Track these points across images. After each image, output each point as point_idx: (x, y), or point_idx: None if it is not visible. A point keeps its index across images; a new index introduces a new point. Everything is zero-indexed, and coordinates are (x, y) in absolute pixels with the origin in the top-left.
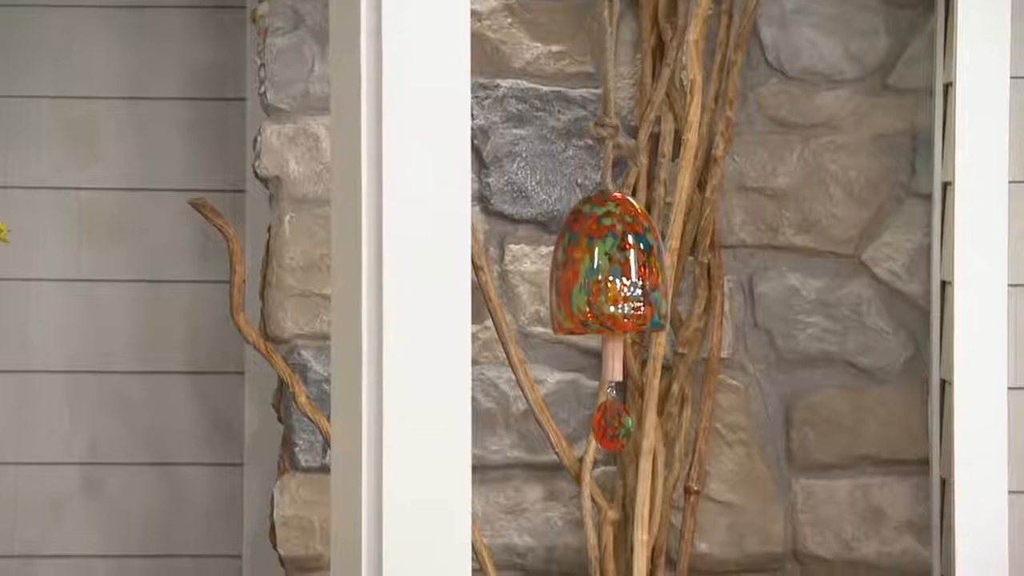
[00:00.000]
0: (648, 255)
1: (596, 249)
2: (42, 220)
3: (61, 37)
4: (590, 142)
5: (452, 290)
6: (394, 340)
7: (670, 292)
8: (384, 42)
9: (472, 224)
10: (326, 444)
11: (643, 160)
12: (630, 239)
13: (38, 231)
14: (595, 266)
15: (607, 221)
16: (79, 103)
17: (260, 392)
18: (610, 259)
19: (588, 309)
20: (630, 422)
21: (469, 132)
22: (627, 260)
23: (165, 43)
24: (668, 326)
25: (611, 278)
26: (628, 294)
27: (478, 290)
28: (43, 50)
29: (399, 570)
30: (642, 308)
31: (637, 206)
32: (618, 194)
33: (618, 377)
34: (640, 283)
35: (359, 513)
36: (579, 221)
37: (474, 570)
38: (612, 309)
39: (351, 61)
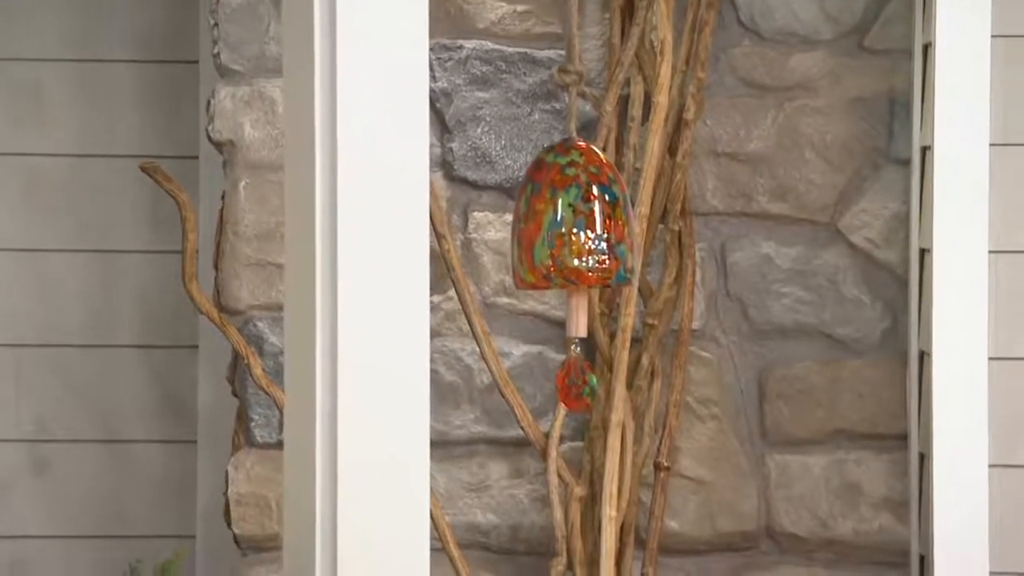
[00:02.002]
0: (614, 206)
1: (560, 200)
2: None
3: None
4: (557, 105)
5: (409, 258)
6: (349, 310)
7: (636, 245)
8: (339, 0)
9: (434, 191)
10: (283, 419)
11: (610, 119)
12: (595, 190)
13: None
14: (559, 218)
15: (571, 171)
16: (23, 65)
17: (214, 366)
18: (574, 210)
19: (551, 262)
20: (595, 380)
21: (427, 94)
22: (592, 211)
23: (114, 3)
24: (638, 296)
25: (575, 230)
26: (593, 247)
27: (440, 259)
28: None
29: (354, 550)
30: (607, 261)
31: (602, 156)
32: (582, 143)
33: (582, 333)
34: (605, 235)
35: (313, 491)
36: (542, 171)
37: (436, 550)
38: (576, 262)
39: (304, 19)
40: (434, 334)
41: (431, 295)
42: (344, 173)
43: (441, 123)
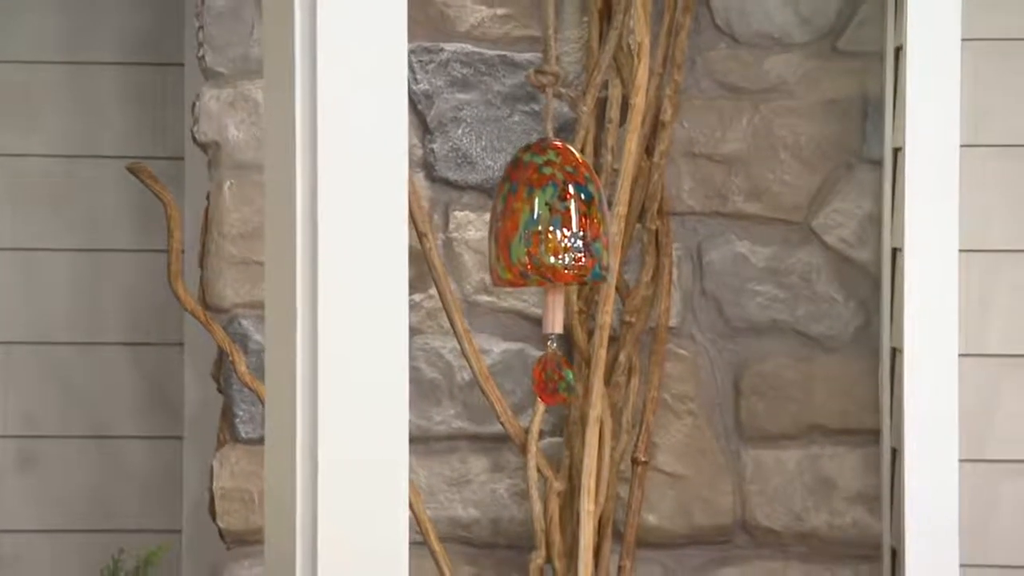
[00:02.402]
0: (589, 205)
1: (536, 199)
2: None
3: None
4: (536, 106)
5: (389, 257)
6: (329, 308)
7: (611, 243)
8: (319, 2)
9: (416, 191)
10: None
11: (588, 121)
12: (571, 189)
13: None
14: (535, 216)
15: (547, 170)
16: (12, 67)
17: (199, 363)
18: (550, 209)
19: (528, 260)
20: (571, 375)
21: (406, 95)
22: (568, 210)
23: (101, 5)
24: (615, 294)
25: (551, 228)
26: (569, 244)
27: (422, 258)
28: None
29: (334, 543)
30: (583, 259)
31: (578, 155)
32: (559, 142)
33: (558, 329)
34: (581, 233)
35: (293, 485)
36: (519, 170)
37: (418, 543)
38: (552, 260)
39: (284, 22)
40: (415, 332)
41: (413, 293)
42: (324, 173)
43: (423, 124)
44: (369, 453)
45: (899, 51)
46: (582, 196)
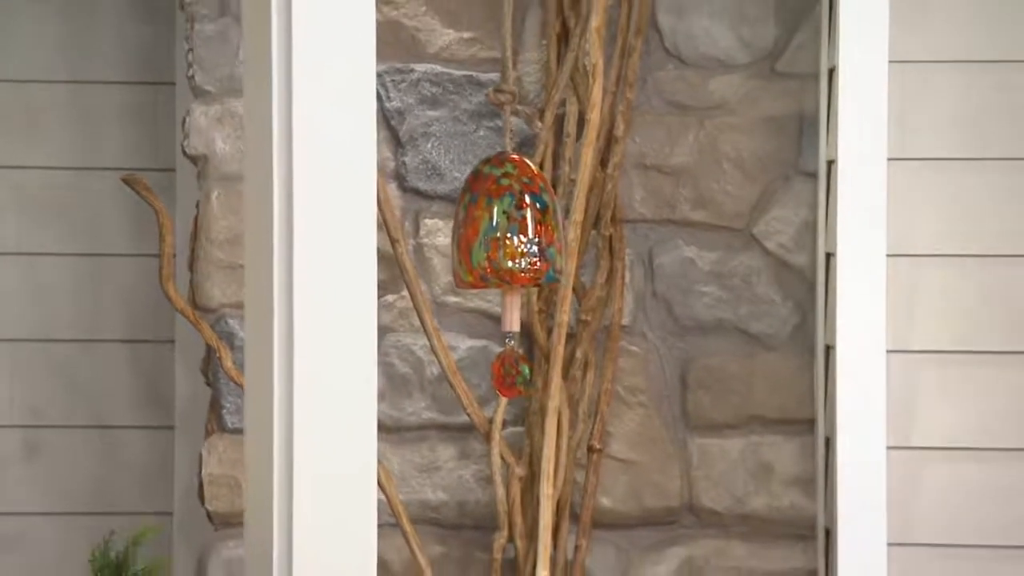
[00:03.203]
0: (544, 213)
1: (495, 207)
2: None
3: None
4: (499, 123)
5: (359, 260)
6: (303, 308)
7: (565, 248)
8: (294, 27)
9: (389, 200)
10: None
11: (547, 135)
12: (527, 198)
13: None
14: (494, 223)
15: (505, 181)
16: (18, 86)
17: (190, 358)
18: (508, 217)
19: (487, 264)
20: (527, 370)
21: (375, 111)
22: (524, 218)
23: (99, 29)
24: (572, 295)
25: (509, 235)
26: (525, 250)
27: (394, 262)
28: None
29: (309, 524)
30: (538, 263)
31: (534, 167)
32: (516, 156)
33: (515, 328)
34: (536, 239)
35: (271, 470)
36: (479, 181)
37: (391, 525)
38: (510, 264)
39: (263, 44)
40: (389, 330)
41: (386, 294)
42: (298, 183)
43: (395, 139)
44: (341, 441)
45: (832, 72)
46: (537, 205)
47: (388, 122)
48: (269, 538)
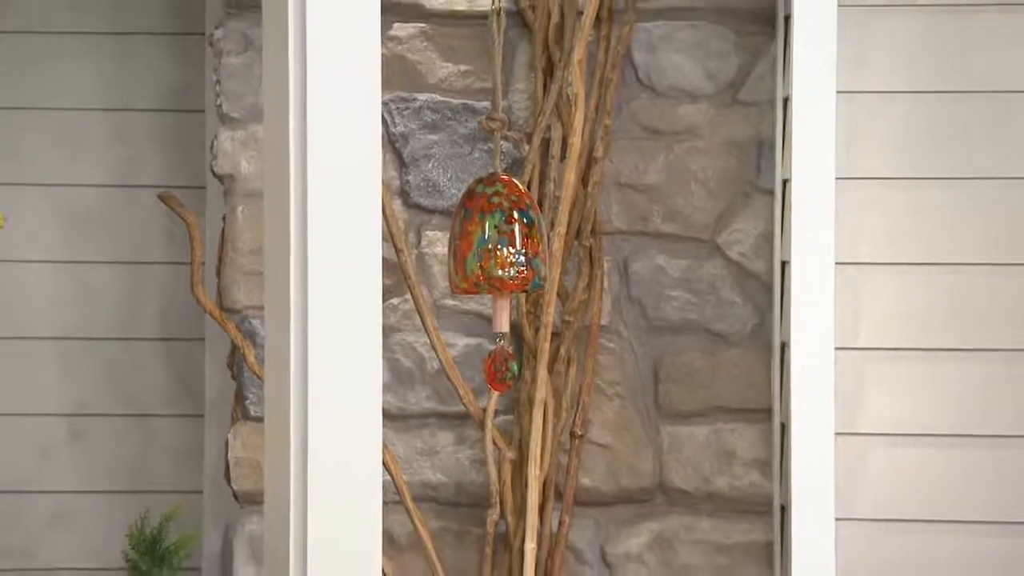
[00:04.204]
0: (530, 227)
1: (487, 222)
2: (37, 212)
3: (48, 58)
4: (492, 145)
5: (366, 268)
6: (317, 309)
7: (549, 258)
8: (309, 61)
9: (394, 214)
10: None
11: (534, 157)
12: (515, 214)
13: (35, 221)
14: (486, 236)
15: (496, 199)
16: (67, 113)
17: (217, 355)
18: (498, 231)
19: (480, 272)
20: (516, 366)
21: (380, 137)
22: (513, 232)
23: (138, 64)
24: (557, 299)
25: (499, 247)
26: (513, 260)
27: (399, 269)
28: (33, 69)
29: (321, 500)
30: (525, 272)
31: (521, 187)
32: (505, 176)
33: (505, 329)
34: (523, 251)
35: (288, 454)
36: (473, 199)
37: (395, 502)
38: (500, 272)
39: (281, 77)
40: (394, 329)
41: (391, 298)
42: (312, 199)
43: (399, 160)
44: (350, 428)
45: (786, 101)
46: (524, 220)
47: (393, 145)
48: (287, 513)
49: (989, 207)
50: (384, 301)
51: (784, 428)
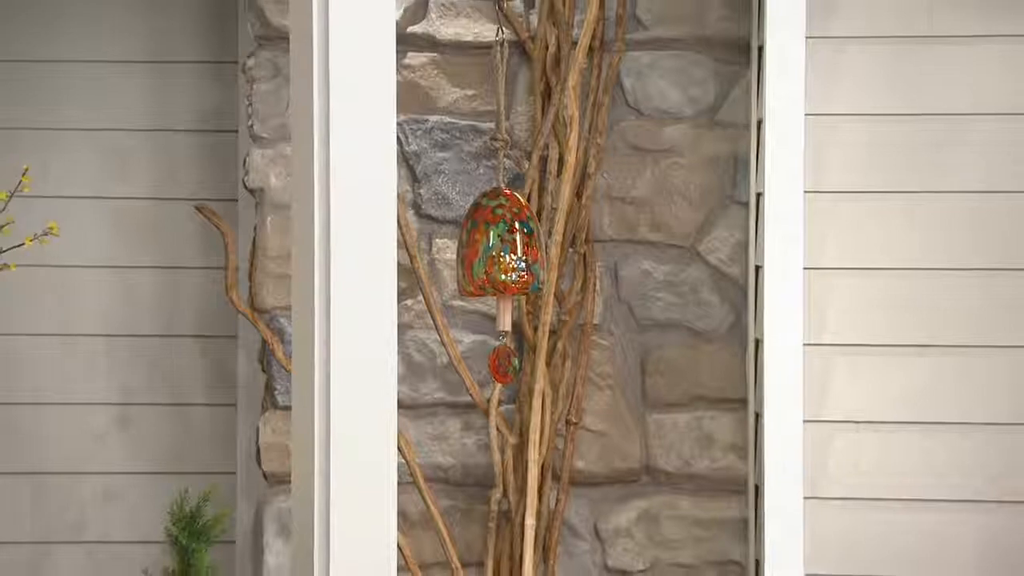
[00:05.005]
0: (530, 236)
1: (491, 232)
2: (87, 222)
3: (97, 84)
4: (495, 163)
5: (383, 273)
6: (338, 309)
7: (547, 264)
8: (331, 86)
9: (408, 224)
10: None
11: (533, 173)
12: (517, 224)
13: (85, 230)
14: (490, 244)
15: (499, 211)
16: (114, 134)
17: (249, 350)
18: (501, 239)
19: (485, 277)
20: (517, 361)
21: (395, 155)
22: (514, 240)
23: (178, 89)
24: (554, 300)
25: (502, 254)
26: (515, 266)
27: (412, 273)
28: (83, 94)
29: (342, 481)
30: (525, 276)
31: (522, 200)
32: (507, 190)
33: (507, 327)
34: (524, 258)
35: (312, 439)
36: (479, 211)
37: (408, 482)
38: (503, 277)
39: (306, 102)
40: (408, 327)
41: (406, 299)
42: (335, 211)
43: (413, 175)
44: (368, 415)
45: (760, 123)
46: (525, 230)
47: (407, 162)
48: (311, 493)
49: (940, 218)
50: (399, 302)
51: (758, 416)
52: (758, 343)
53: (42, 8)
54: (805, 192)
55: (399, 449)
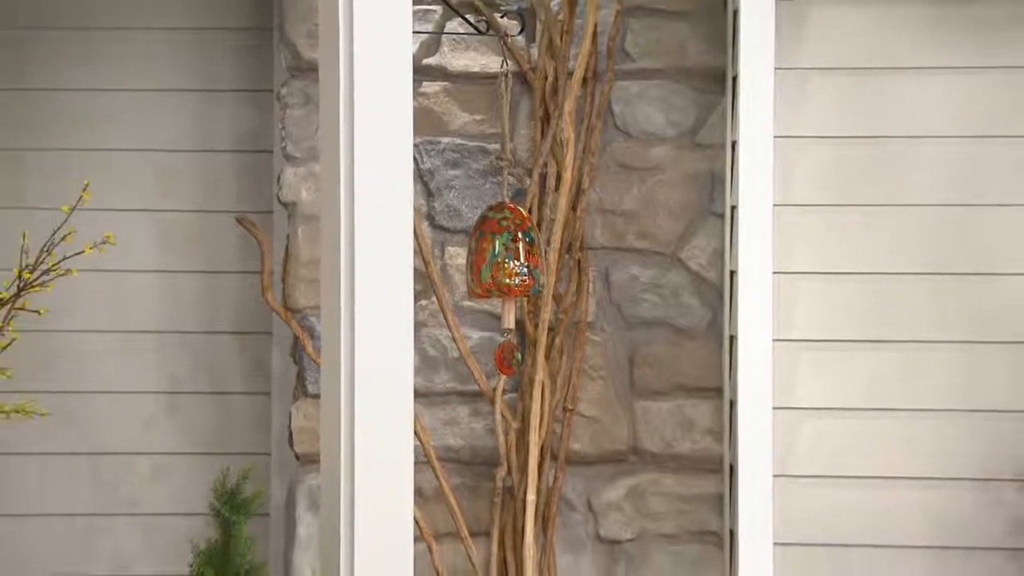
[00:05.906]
0: (532, 245)
1: (497, 241)
2: (140, 232)
3: (149, 109)
4: (500, 178)
5: (401, 277)
6: (362, 308)
7: (547, 269)
8: (356, 112)
9: (423, 234)
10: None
11: (534, 188)
12: (519, 234)
13: (137, 240)
14: (496, 252)
15: (504, 222)
16: (160, 154)
17: (282, 345)
18: (506, 248)
19: (492, 281)
20: (520, 356)
21: (412, 172)
22: (517, 248)
23: (220, 114)
24: (552, 301)
25: (507, 260)
26: (518, 271)
27: (427, 277)
28: (136, 118)
29: (365, 461)
30: (527, 280)
31: (524, 212)
32: (511, 204)
33: (511, 325)
34: (526, 263)
35: (338, 424)
36: (485, 222)
37: (423, 462)
38: (507, 280)
39: (333, 126)
40: (423, 325)
41: (421, 300)
42: (359, 222)
43: (427, 190)
44: (388, 403)
45: (734, 143)
46: (527, 239)
47: (422, 178)
48: (338, 472)
49: (896, 229)
50: (415, 303)
51: (732, 403)
52: (733, 339)
53: (105, 43)
54: (774, 205)
55: (415, 433)
